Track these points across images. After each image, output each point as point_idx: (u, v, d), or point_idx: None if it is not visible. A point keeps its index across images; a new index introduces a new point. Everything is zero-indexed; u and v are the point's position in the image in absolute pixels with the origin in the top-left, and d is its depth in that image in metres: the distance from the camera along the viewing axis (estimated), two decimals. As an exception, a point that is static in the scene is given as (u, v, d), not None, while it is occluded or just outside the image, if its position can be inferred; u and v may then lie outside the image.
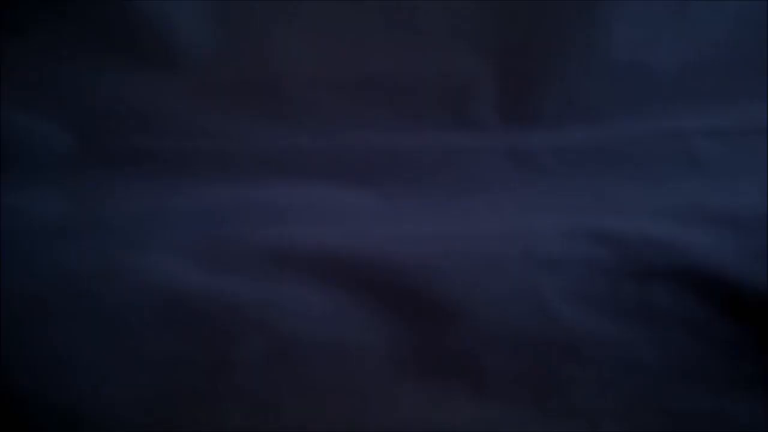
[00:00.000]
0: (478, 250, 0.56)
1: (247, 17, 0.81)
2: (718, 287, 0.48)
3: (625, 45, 0.79)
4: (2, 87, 0.74)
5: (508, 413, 0.40)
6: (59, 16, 0.77)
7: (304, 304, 0.47)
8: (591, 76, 0.79)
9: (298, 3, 0.80)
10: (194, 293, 0.48)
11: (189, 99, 0.80)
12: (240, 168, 0.78)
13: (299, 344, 0.43)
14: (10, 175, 0.69)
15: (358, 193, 0.76)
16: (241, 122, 0.81)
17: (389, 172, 0.79)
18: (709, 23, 0.87)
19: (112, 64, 0.78)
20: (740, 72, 0.85)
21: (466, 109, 0.85)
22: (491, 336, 0.46)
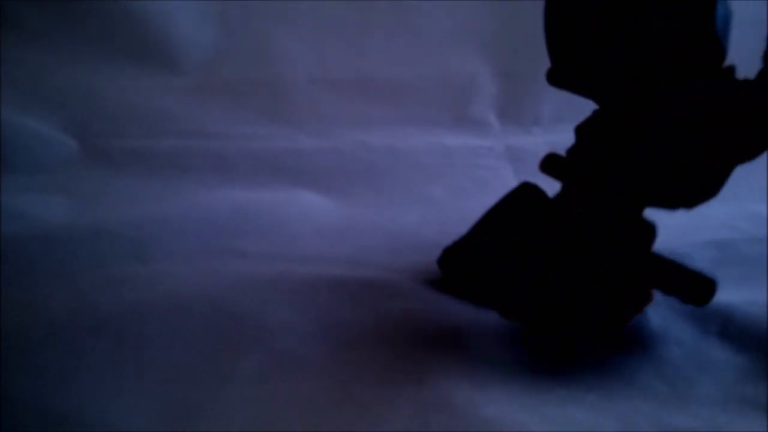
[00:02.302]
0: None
1: (247, 17, 0.81)
2: (713, 311, 0.49)
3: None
4: (3, 90, 0.74)
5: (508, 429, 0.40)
6: (60, 19, 0.77)
7: (303, 319, 0.48)
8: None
9: (298, 3, 0.80)
10: (197, 305, 0.48)
11: (189, 99, 0.80)
12: (240, 168, 0.78)
13: (299, 357, 0.44)
14: (13, 177, 0.69)
15: (357, 193, 0.76)
16: (241, 122, 0.81)
17: (389, 172, 0.79)
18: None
19: (113, 65, 0.78)
20: (738, 72, 0.85)
21: (466, 109, 0.85)
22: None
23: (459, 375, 0.43)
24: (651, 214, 0.47)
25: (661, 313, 0.49)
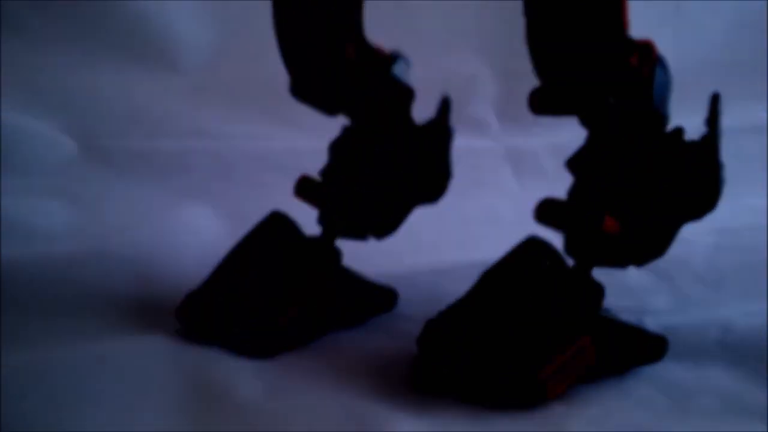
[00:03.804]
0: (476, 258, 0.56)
1: (247, 17, 0.81)
2: (712, 322, 0.49)
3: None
4: (3, 90, 0.74)
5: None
6: (60, 19, 0.77)
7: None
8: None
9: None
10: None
11: (189, 99, 0.80)
12: (240, 168, 0.78)
13: (299, 372, 0.43)
14: (13, 178, 0.69)
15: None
16: (241, 122, 0.81)
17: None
18: (706, 24, 0.88)
19: (113, 66, 0.78)
20: (738, 72, 0.85)
21: (466, 109, 0.85)
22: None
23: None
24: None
25: (659, 325, 0.49)
